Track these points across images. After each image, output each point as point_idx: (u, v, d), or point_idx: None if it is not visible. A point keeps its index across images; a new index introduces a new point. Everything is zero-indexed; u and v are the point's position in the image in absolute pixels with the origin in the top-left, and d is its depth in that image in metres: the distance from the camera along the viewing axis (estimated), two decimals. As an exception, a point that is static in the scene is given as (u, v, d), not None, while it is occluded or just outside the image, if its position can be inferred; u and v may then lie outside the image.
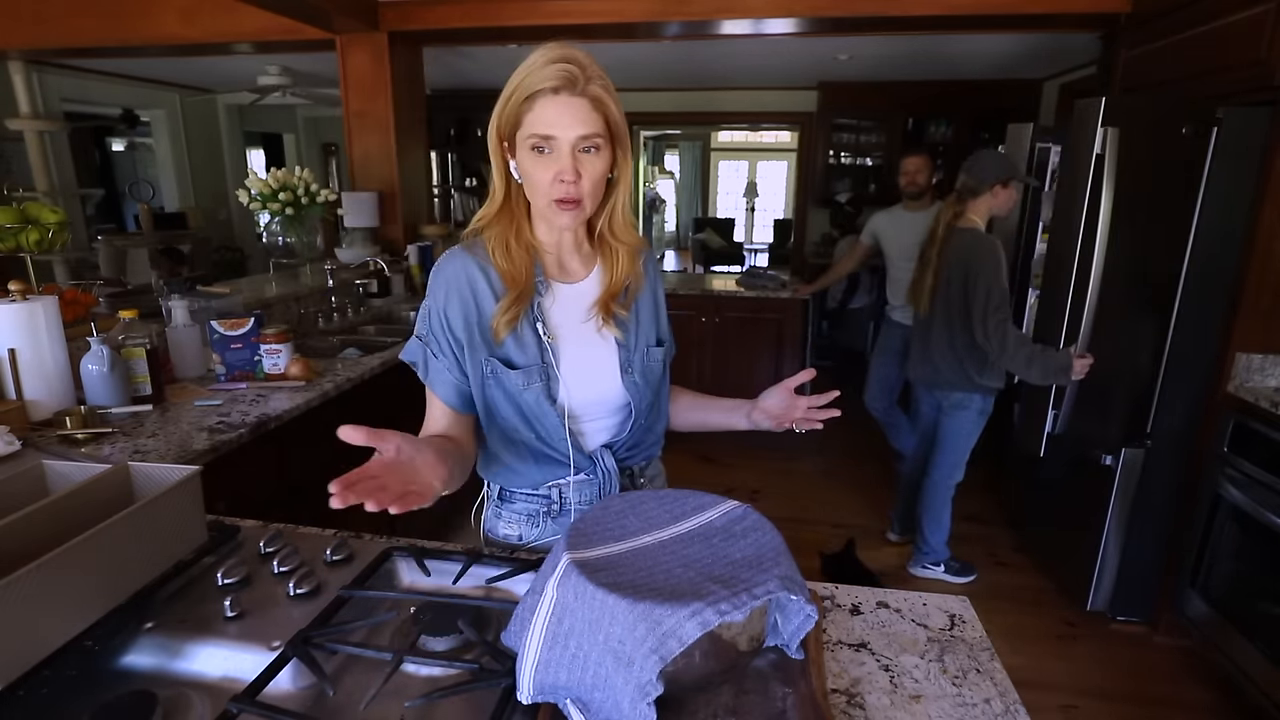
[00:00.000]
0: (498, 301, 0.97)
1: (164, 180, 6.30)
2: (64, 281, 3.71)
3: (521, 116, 0.89)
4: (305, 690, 0.79)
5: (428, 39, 3.45)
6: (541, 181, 0.91)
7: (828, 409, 1.07)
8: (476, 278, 0.98)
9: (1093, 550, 2.43)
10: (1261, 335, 2.05)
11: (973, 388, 2.48)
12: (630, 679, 0.63)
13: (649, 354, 1.07)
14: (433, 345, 1.00)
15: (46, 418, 1.57)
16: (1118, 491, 2.35)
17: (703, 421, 1.21)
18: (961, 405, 2.53)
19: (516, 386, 0.99)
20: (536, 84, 0.87)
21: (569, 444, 1.02)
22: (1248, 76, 2.00)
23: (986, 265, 2.26)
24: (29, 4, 3.39)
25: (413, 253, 3.42)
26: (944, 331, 2.48)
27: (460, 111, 6.04)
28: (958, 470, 2.63)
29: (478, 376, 1.00)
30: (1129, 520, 2.36)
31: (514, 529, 1.10)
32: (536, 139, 0.89)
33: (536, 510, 1.08)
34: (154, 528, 0.91)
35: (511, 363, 0.99)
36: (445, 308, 0.98)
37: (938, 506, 2.67)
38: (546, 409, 1.00)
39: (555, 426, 1.01)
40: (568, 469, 1.05)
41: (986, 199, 2.38)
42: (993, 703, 0.76)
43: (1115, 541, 2.42)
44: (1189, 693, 2.14)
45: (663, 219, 10.73)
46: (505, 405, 1.01)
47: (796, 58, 4.42)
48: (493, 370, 0.99)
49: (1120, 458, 2.32)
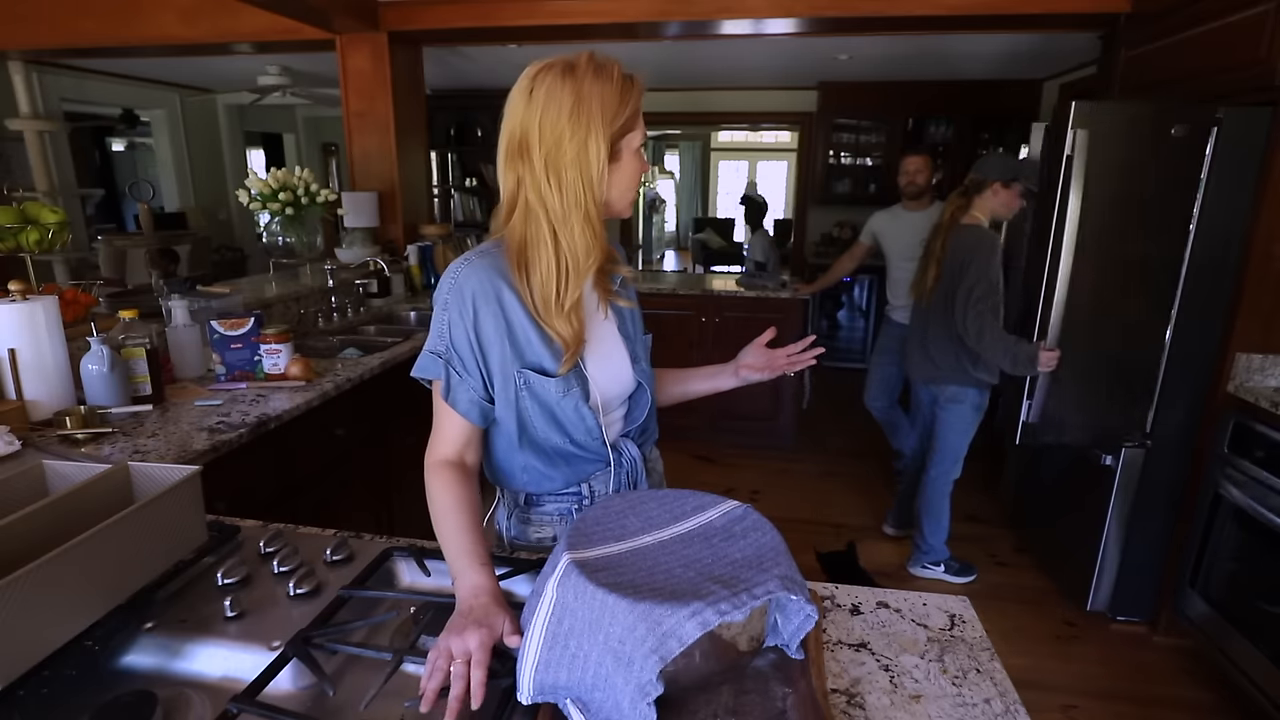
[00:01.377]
0: (526, 313, 0.96)
1: (164, 180, 6.29)
2: (64, 281, 3.71)
3: (635, 122, 0.94)
4: (305, 690, 0.79)
5: (428, 39, 3.45)
6: (638, 178, 0.98)
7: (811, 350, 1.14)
8: (503, 289, 0.96)
9: (1093, 550, 2.43)
10: (1261, 335, 2.05)
11: (968, 382, 2.50)
12: (630, 679, 0.63)
13: (645, 341, 1.13)
14: (456, 364, 0.97)
15: (46, 418, 1.57)
16: (1118, 491, 2.35)
17: (685, 392, 1.24)
18: (956, 399, 2.55)
19: (554, 395, 0.98)
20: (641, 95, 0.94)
21: (603, 440, 1.04)
22: (1248, 76, 2.00)
23: (979, 257, 2.30)
24: (29, 4, 3.39)
25: (413, 253, 3.42)
26: (942, 325, 2.50)
27: (460, 111, 6.04)
28: (955, 467, 2.63)
29: (510, 390, 0.98)
30: (1129, 520, 2.36)
31: (547, 530, 1.10)
32: (646, 139, 0.96)
33: (568, 508, 1.09)
34: (154, 528, 0.91)
35: (545, 371, 0.98)
36: (475, 324, 0.95)
37: (937, 504, 2.67)
38: (584, 412, 1.00)
39: (591, 427, 1.02)
40: (597, 464, 1.06)
41: (988, 196, 2.40)
42: (993, 703, 0.76)
43: (1115, 541, 2.42)
44: (1189, 693, 2.14)
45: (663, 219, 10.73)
46: (539, 414, 1.00)
47: (796, 58, 4.42)
48: (526, 382, 0.98)
49: (1120, 458, 2.32)
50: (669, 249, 10.87)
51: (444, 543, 0.91)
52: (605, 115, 0.90)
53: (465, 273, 0.96)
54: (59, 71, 4.90)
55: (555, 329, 0.95)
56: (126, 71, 5.41)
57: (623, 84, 0.91)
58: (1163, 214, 2.13)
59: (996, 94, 4.99)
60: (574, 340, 0.97)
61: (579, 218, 0.92)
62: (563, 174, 0.90)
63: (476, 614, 0.78)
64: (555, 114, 0.89)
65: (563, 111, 0.89)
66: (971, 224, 2.42)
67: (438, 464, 0.98)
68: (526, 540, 1.11)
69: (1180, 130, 2.03)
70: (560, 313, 0.95)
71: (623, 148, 0.94)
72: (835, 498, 3.38)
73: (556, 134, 0.89)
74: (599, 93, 0.89)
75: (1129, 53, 2.63)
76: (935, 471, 2.65)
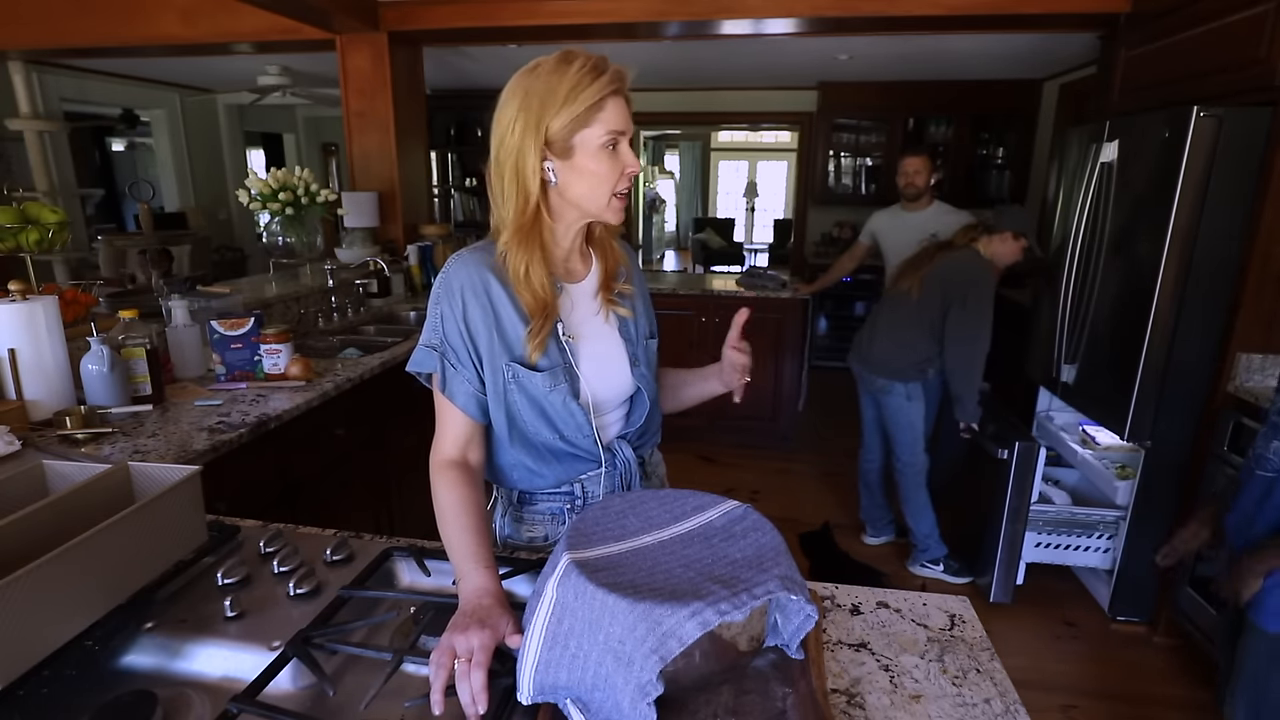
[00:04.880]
0: (515, 306, 0.97)
1: (164, 180, 6.29)
2: (64, 281, 3.71)
3: (591, 118, 0.90)
4: (305, 690, 0.79)
5: (428, 39, 3.45)
6: (610, 177, 0.94)
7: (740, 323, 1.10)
8: (491, 282, 0.97)
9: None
10: (1261, 335, 2.05)
11: (897, 378, 2.62)
12: (630, 679, 0.63)
13: (648, 346, 1.12)
14: (450, 356, 0.98)
15: (46, 418, 1.57)
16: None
17: (682, 400, 1.23)
18: (887, 391, 2.66)
19: (541, 389, 0.99)
20: (606, 86, 0.89)
21: (595, 439, 1.03)
22: (1248, 76, 2.00)
23: (981, 290, 2.43)
24: (29, 4, 3.39)
25: (413, 253, 3.42)
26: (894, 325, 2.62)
27: (460, 111, 6.03)
28: (916, 454, 2.69)
29: (498, 383, 0.99)
30: (1129, 520, 2.36)
31: (539, 530, 1.10)
32: (613, 136, 0.91)
33: (560, 508, 1.09)
34: (154, 528, 0.91)
35: (534, 366, 0.98)
36: (465, 316, 0.97)
37: (913, 495, 2.72)
38: (573, 407, 1.00)
39: (581, 424, 1.02)
40: (590, 464, 1.06)
41: (997, 240, 2.52)
42: (993, 703, 0.76)
43: (1115, 541, 2.42)
44: (1188, 693, 2.14)
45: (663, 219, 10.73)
46: (528, 409, 1.00)
47: (796, 58, 4.42)
48: (514, 375, 0.98)
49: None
50: (669, 249, 10.86)
51: (448, 543, 0.91)
52: (546, 108, 0.89)
53: (455, 266, 0.98)
54: (59, 71, 4.90)
55: (523, 297, 0.97)
56: (126, 71, 5.41)
57: (579, 77, 0.88)
58: (1163, 214, 2.12)
59: (996, 94, 4.99)
60: (538, 308, 0.97)
61: (515, 210, 0.95)
62: (504, 170, 0.94)
63: (479, 614, 0.78)
64: (504, 110, 0.92)
65: (508, 107, 0.92)
66: (974, 249, 2.52)
67: (442, 464, 0.98)
68: (519, 539, 1.11)
69: (1179, 131, 2.03)
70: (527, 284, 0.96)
71: (576, 144, 0.91)
72: (835, 498, 3.38)
73: (501, 131, 0.93)
74: (544, 87, 0.90)
75: (1129, 53, 2.63)
76: (900, 463, 2.73)
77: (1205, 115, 1.98)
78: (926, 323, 2.52)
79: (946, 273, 2.49)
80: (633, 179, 0.96)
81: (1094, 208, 2.42)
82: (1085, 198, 2.44)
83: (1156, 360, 2.18)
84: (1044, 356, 2.73)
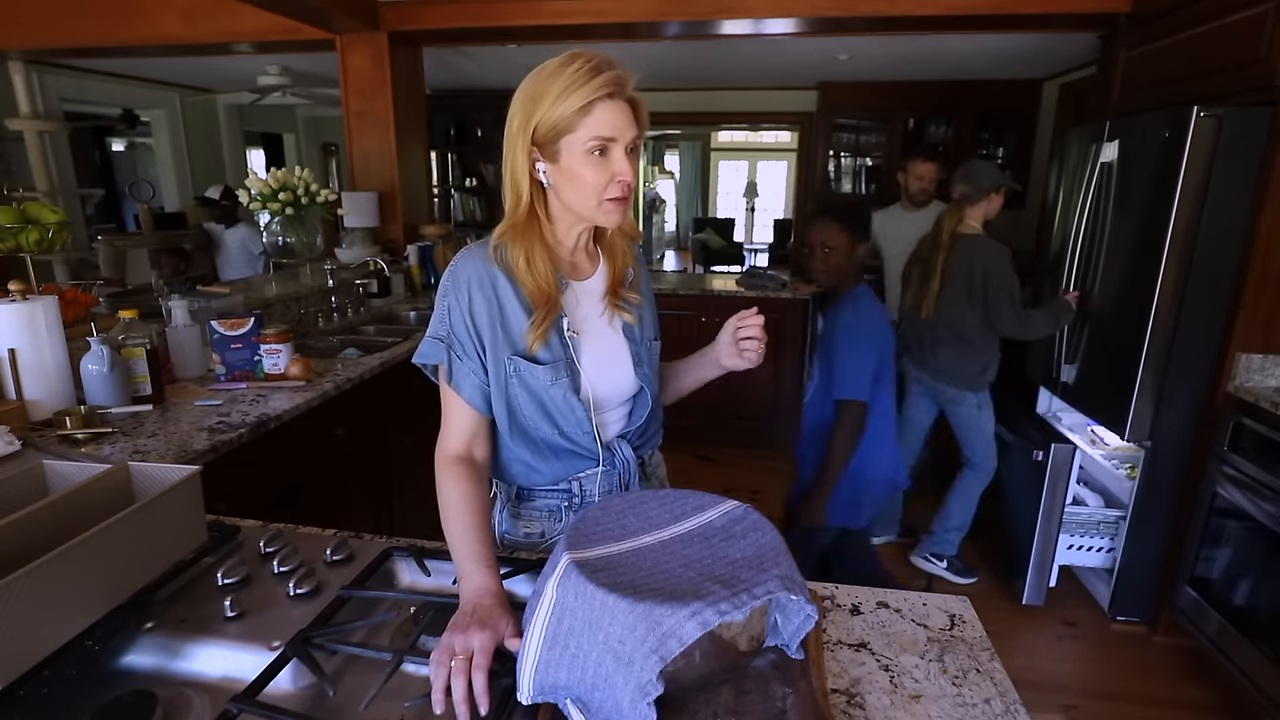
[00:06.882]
0: (519, 300, 0.98)
1: (164, 180, 6.29)
2: (64, 281, 3.71)
3: (576, 122, 0.88)
4: (305, 690, 0.79)
5: (428, 39, 3.45)
6: (597, 183, 0.92)
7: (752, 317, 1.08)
8: (497, 275, 0.98)
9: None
10: (1261, 335, 2.05)
11: (968, 387, 2.55)
12: (630, 679, 0.63)
13: (652, 347, 1.12)
14: (456, 347, 0.99)
15: (46, 418, 1.57)
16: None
17: (680, 389, 1.23)
18: (958, 402, 2.59)
19: (543, 383, 0.99)
20: (595, 90, 0.87)
21: (594, 436, 1.03)
22: (1248, 76, 2.00)
23: (1001, 269, 2.38)
24: (29, 4, 3.39)
25: (413, 253, 3.42)
26: (949, 333, 2.52)
27: (460, 111, 6.03)
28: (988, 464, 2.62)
29: (500, 375, 0.99)
30: (1129, 520, 2.36)
31: (535, 526, 1.10)
32: (599, 141, 0.89)
33: (558, 505, 1.09)
34: (154, 528, 0.91)
35: (536, 359, 0.99)
36: (470, 307, 0.98)
37: (963, 501, 2.66)
38: (574, 403, 1.01)
39: (581, 420, 1.02)
40: (589, 461, 1.06)
41: (983, 205, 2.47)
42: (993, 703, 0.76)
43: (1116, 541, 2.42)
44: (1189, 693, 2.14)
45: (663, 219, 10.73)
46: (528, 403, 1.01)
47: (796, 58, 4.42)
48: (516, 368, 0.99)
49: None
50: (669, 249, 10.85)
51: (450, 539, 0.91)
52: (536, 109, 0.90)
53: (463, 260, 1.00)
54: (59, 71, 4.90)
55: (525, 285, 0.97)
56: (126, 71, 5.40)
57: (571, 79, 0.87)
58: (1163, 214, 2.13)
59: (996, 94, 4.99)
60: (541, 298, 0.97)
61: (509, 207, 0.97)
62: (504, 167, 0.96)
63: (480, 614, 0.78)
64: (511, 108, 0.94)
65: (513, 105, 0.94)
66: (971, 234, 2.47)
67: (447, 459, 0.99)
68: (515, 535, 1.11)
69: (1179, 131, 2.03)
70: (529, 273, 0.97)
71: (562, 148, 0.91)
72: (835, 498, 3.38)
73: (506, 128, 0.95)
74: (539, 88, 0.90)
75: (1129, 53, 2.62)
76: (972, 467, 2.65)
77: (1205, 115, 1.98)
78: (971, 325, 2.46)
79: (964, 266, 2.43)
80: (627, 186, 0.93)
81: (1094, 208, 2.42)
82: (1085, 198, 2.45)
83: (1156, 360, 2.18)
84: (1044, 356, 2.73)
